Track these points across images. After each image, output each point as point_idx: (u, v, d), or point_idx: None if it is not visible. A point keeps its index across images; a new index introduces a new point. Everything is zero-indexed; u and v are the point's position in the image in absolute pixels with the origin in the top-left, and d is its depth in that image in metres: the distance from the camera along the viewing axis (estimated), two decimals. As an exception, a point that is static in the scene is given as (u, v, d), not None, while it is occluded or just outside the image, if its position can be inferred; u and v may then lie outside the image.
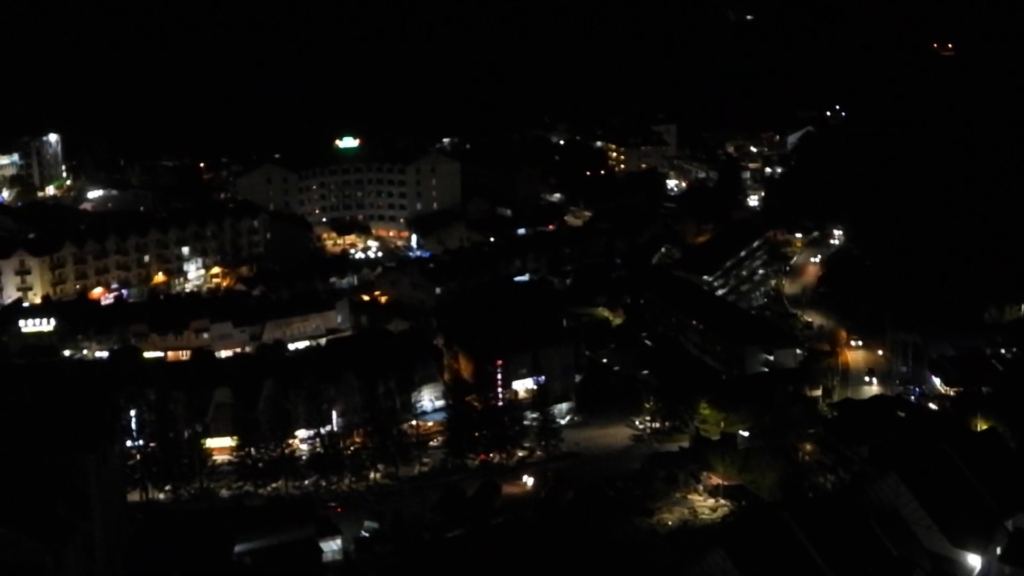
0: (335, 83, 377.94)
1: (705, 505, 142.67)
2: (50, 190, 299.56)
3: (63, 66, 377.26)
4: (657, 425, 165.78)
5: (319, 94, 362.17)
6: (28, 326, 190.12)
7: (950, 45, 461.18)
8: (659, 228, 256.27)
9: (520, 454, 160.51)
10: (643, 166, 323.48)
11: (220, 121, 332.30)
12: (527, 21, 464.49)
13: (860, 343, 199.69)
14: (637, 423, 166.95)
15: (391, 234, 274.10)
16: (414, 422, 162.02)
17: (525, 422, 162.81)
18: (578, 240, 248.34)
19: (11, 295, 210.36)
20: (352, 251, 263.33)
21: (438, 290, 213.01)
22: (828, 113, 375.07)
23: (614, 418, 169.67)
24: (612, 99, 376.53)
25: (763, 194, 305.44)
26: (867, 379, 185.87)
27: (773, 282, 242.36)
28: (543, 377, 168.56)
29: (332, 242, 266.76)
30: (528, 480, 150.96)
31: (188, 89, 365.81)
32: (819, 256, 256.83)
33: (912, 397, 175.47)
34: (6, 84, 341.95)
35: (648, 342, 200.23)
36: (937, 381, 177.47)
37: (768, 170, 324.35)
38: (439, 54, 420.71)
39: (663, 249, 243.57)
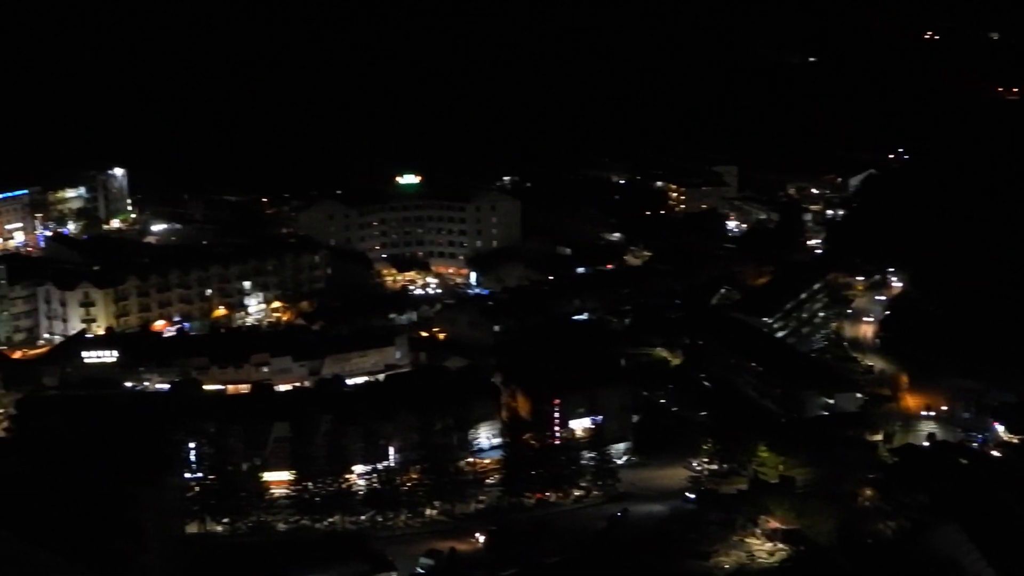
0: (396, 121, 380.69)
1: (763, 549, 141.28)
2: (115, 223, 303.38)
3: (129, 101, 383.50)
4: (714, 467, 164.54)
5: (380, 132, 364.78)
6: (91, 357, 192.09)
7: (1015, 89, 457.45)
8: (718, 269, 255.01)
9: (576, 493, 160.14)
10: (703, 207, 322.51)
11: (282, 157, 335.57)
12: (587, 62, 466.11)
13: (921, 389, 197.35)
14: (694, 465, 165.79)
15: (450, 271, 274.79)
16: (471, 459, 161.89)
17: (582, 461, 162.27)
18: (637, 280, 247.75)
19: (75, 326, 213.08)
20: (411, 288, 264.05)
21: (496, 328, 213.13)
22: (891, 156, 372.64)
23: (671, 459, 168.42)
24: (672, 140, 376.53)
25: (824, 236, 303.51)
26: (928, 425, 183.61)
27: (833, 325, 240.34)
28: (600, 417, 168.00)
29: (392, 278, 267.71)
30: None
31: (251, 125, 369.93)
32: (880, 300, 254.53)
33: (974, 444, 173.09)
34: (74, 118, 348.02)
35: (706, 383, 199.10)
36: (1000, 428, 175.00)
37: (830, 212, 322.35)
38: (499, 93, 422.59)
39: (722, 290, 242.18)
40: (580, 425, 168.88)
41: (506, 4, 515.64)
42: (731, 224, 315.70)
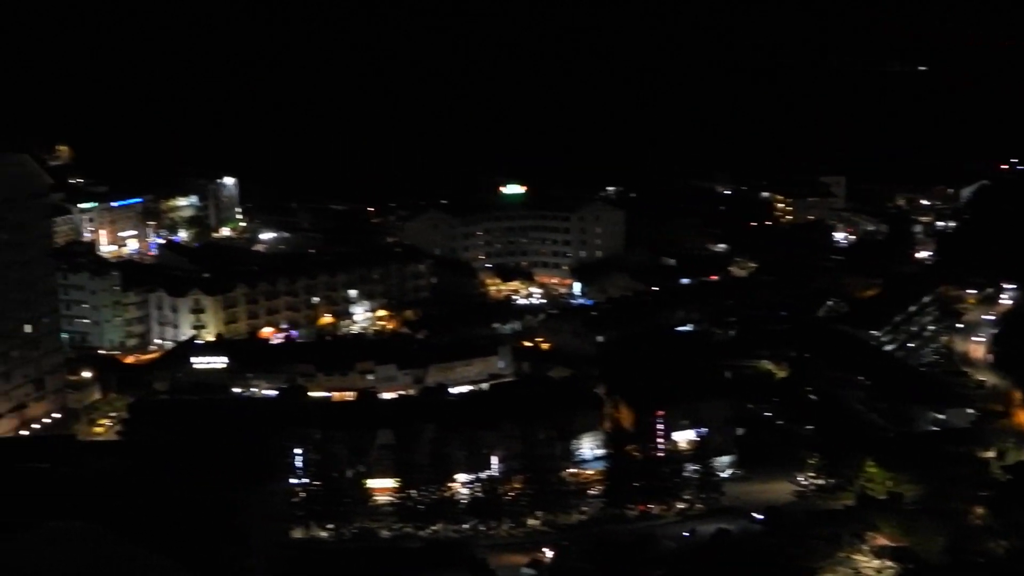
0: (501, 131, 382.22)
1: (870, 567, 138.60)
2: (225, 231, 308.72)
3: (240, 111, 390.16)
4: (820, 482, 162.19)
5: (486, 142, 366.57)
6: (201, 363, 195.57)
7: None
8: (825, 281, 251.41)
9: (680, 506, 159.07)
10: (809, 218, 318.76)
11: (388, 167, 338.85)
12: (695, 71, 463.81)
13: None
14: (800, 479, 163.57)
15: (554, 281, 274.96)
16: (573, 470, 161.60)
17: (685, 474, 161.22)
18: (741, 291, 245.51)
19: (186, 333, 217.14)
20: (515, 297, 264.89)
21: (600, 338, 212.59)
22: (1003, 166, 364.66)
23: (776, 473, 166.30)
24: (779, 150, 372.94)
25: (934, 249, 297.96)
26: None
27: (943, 339, 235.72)
28: (704, 429, 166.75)
29: (495, 288, 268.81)
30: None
31: (358, 136, 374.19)
32: (992, 314, 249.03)
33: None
34: (187, 129, 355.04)
35: (812, 397, 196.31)
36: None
37: (940, 224, 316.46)
38: (606, 103, 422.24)
39: (829, 303, 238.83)
40: (684, 437, 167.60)
41: (620, 18, 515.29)
42: (838, 236, 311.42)
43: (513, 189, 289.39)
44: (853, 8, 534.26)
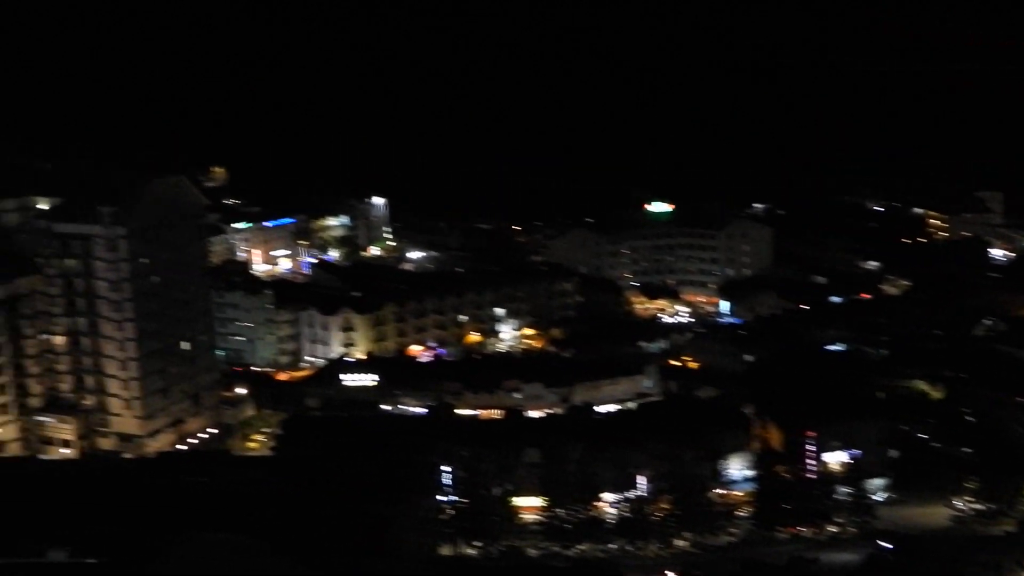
0: (647, 148, 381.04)
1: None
2: (374, 251, 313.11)
3: (388, 133, 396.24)
4: (979, 507, 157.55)
5: (631, 159, 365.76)
6: (351, 380, 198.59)
7: None
8: (982, 299, 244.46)
9: (831, 529, 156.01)
10: (965, 234, 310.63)
11: (533, 185, 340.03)
12: (845, 86, 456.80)
13: None
14: (957, 504, 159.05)
15: (701, 299, 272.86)
16: (721, 491, 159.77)
17: (836, 496, 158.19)
18: (894, 310, 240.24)
19: (336, 350, 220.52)
20: (661, 316, 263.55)
21: (748, 357, 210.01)
22: None
23: (931, 497, 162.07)
24: (931, 165, 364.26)
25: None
26: None
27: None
28: (856, 450, 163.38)
29: (642, 306, 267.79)
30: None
31: (503, 154, 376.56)
32: None
33: None
34: (337, 151, 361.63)
35: (969, 419, 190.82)
36: None
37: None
38: (753, 120, 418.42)
39: (986, 321, 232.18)
40: (835, 459, 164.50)
41: (769, 27, 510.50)
42: (996, 252, 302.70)
43: (659, 206, 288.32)
44: None
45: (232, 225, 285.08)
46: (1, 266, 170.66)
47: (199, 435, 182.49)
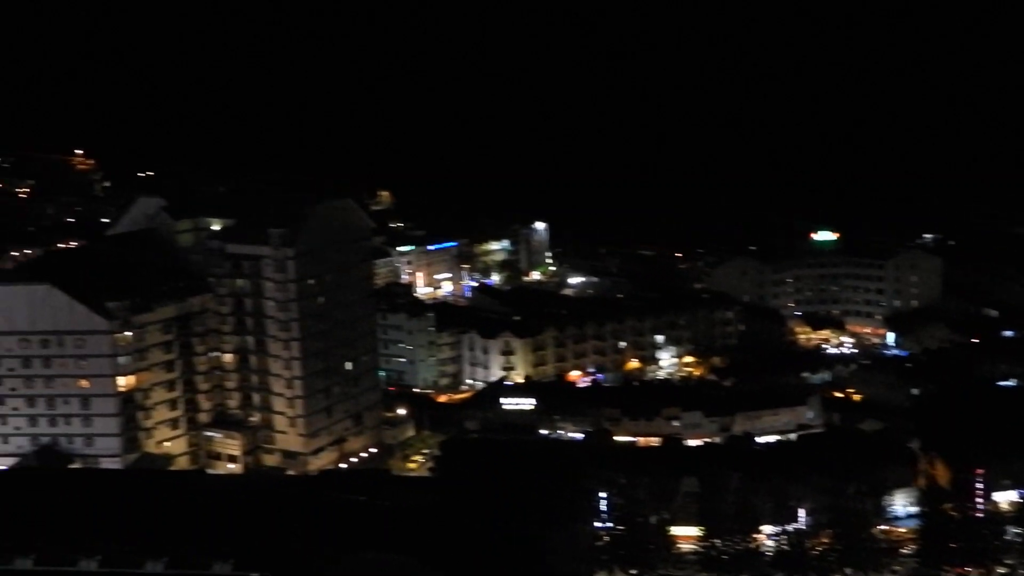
0: (813, 176, 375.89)
1: None
2: (535, 275, 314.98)
3: (554, 159, 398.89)
4: None
5: (796, 187, 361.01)
6: (509, 404, 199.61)
7: None
8: None
9: (1000, 571, 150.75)
10: None
11: (696, 212, 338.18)
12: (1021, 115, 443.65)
13: None
14: None
15: (866, 331, 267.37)
16: (885, 527, 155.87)
17: (1006, 537, 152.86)
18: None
19: (496, 373, 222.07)
20: (825, 346, 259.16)
21: (915, 391, 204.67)
22: None
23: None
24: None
25: None
26: None
27: None
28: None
29: (805, 336, 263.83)
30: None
31: (665, 181, 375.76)
32: None
33: None
34: (503, 174, 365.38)
35: None
36: None
37: None
38: (915, 147, 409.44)
39: None
40: (1005, 498, 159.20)
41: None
42: None
43: (824, 235, 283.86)
44: None
45: (397, 248, 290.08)
46: (175, 285, 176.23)
47: (360, 454, 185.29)
